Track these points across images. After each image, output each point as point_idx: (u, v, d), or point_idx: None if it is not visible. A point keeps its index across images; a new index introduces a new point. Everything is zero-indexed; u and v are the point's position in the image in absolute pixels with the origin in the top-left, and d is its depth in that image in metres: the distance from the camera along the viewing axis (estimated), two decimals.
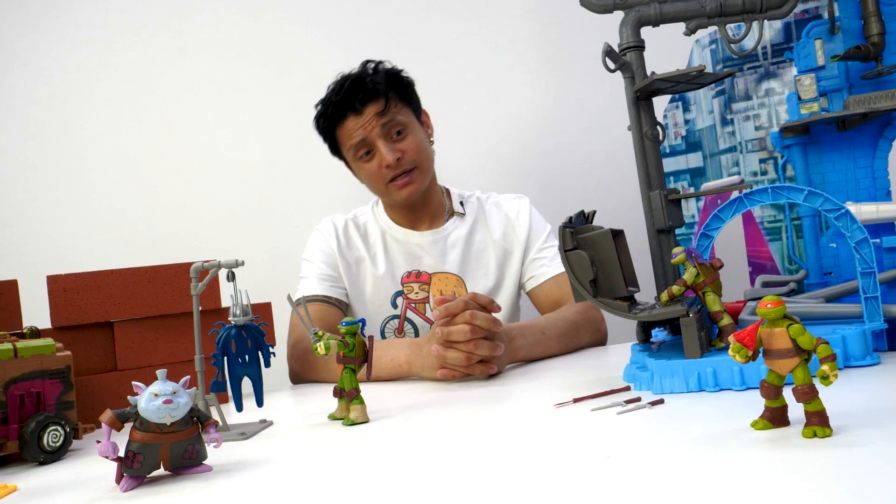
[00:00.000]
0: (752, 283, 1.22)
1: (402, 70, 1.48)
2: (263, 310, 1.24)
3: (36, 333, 0.96)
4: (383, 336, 1.50)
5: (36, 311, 1.20)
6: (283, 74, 2.00)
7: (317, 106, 1.47)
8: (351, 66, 1.47)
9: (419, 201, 1.50)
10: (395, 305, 1.50)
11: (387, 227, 1.55)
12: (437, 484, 0.58)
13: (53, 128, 2.01)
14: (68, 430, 0.87)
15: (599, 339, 1.38)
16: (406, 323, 1.49)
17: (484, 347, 1.06)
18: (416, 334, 1.49)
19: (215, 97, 2.01)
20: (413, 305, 1.50)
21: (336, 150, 1.51)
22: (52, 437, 0.85)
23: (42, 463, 0.84)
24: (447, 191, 1.61)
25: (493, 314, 1.10)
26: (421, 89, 1.53)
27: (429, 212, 1.54)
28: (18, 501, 0.69)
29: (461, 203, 1.58)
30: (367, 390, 0.92)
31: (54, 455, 0.85)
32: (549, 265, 1.51)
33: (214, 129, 2.01)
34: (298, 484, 0.63)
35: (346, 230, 1.55)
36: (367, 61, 1.46)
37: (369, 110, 1.40)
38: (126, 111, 2.01)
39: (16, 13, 2.01)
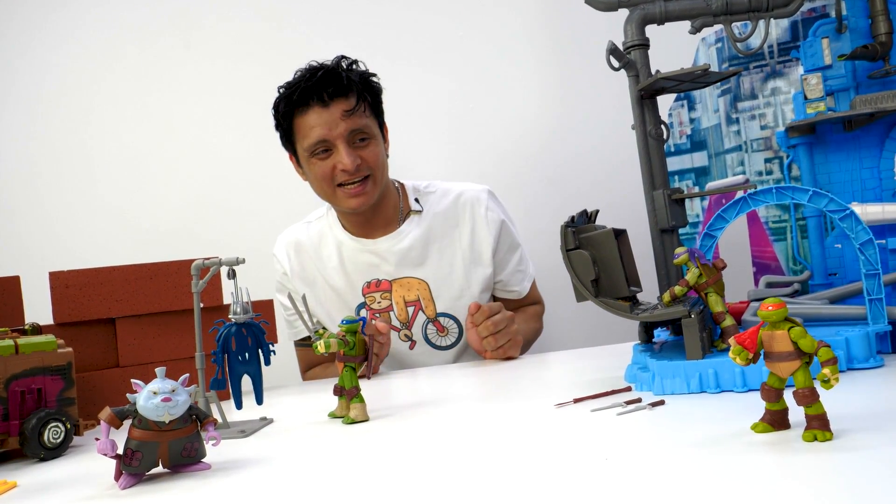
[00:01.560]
0: (756, 283, 1.21)
1: (374, 75, 1.41)
2: (265, 307, 1.24)
3: (37, 330, 0.96)
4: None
5: (40, 307, 1.20)
6: (288, 73, 1.99)
7: (280, 88, 1.38)
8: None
9: (369, 210, 1.42)
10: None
11: (343, 238, 1.47)
12: (436, 483, 0.58)
13: (59, 125, 2.01)
14: (69, 426, 0.87)
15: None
16: None
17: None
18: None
19: (221, 95, 2.02)
20: (377, 315, 1.44)
21: (289, 140, 1.41)
22: (53, 433, 0.85)
23: (42, 459, 0.85)
24: (401, 186, 1.52)
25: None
26: (425, 87, 1.53)
27: (382, 218, 1.45)
28: (18, 498, 0.69)
29: (416, 200, 1.49)
30: (367, 389, 0.91)
31: (55, 451, 0.85)
32: (524, 280, 1.52)
33: (220, 127, 2.02)
34: (297, 482, 0.63)
35: (298, 251, 1.49)
36: (342, 57, 1.38)
37: (337, 106, 1.32)
38: (132, 108, 2.02)
39: (23, 10, 2.01)
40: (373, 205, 1.41)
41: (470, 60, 1.98)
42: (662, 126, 0.96)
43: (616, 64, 0.93)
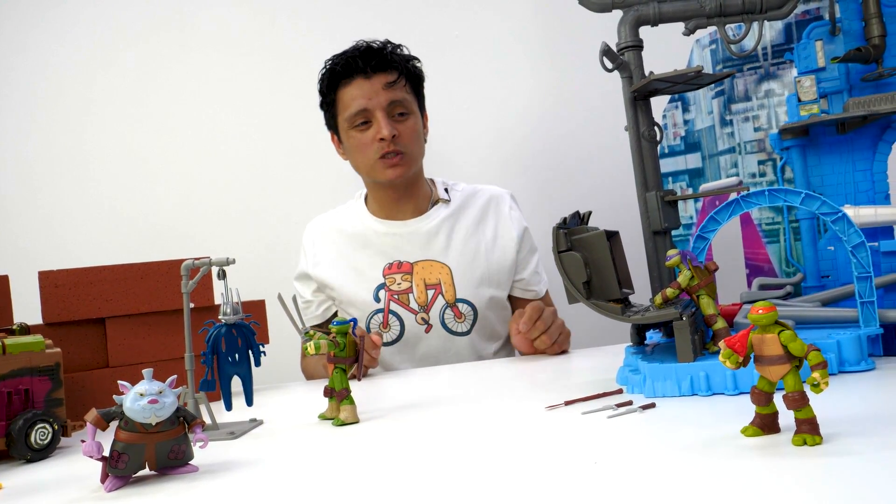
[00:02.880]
0: (749, 285, 1.21)
1: (418, 61, 1.49)
2: (256, 308, 1.23)
3: (26, 330, 0.95)
4: (368, 331, 1.47)
5: (32, 307, 1.19)
6: (283, 71, 1.99)
7: (326, 62, 1.45)
8: None
9: (403, 190, 1.49)
10: (377, 299, 1.47)
11: (369, 222, 1.53)
12: (425, 486, 0.57)
13: (53, 124, 2.00)
14: (56, 427, 0.86)
15: None
16: (391, 315, 1.46)
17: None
18: (402, 327, 1.46)
19: (216, 94, 2.01)
20: (396, 297, 1.47)
21: (332, 114, 1.48)
22: (40, 434, 0.84)
23: (29, 461, 0.84)
24: (432, 181, 1.60)
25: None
26: None
27: (412, 202, 1.52)
28: (4, 500, 0.68)
29: (445, 190, 1.56)
30: (357, 391, 0.91)
31: (42, 453, 0.85)
32: (541, 283, 1.57)
33: (214, 126, 2.01)
34: (286, 485, 0.63)
35: (325, 233, 1.55)
36: (388, 41, 1.46)
37: (379, 79, 1.40)
38: (127, 107, 2.01)
39: (20, 7, 2.00)
40: (406, 185, 1.48)
41: (464, 61, 1.98)
42: (656, 127, 0.95)
43: (610, 65, 0.93)
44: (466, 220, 1.52)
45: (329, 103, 1.47)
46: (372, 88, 1.39)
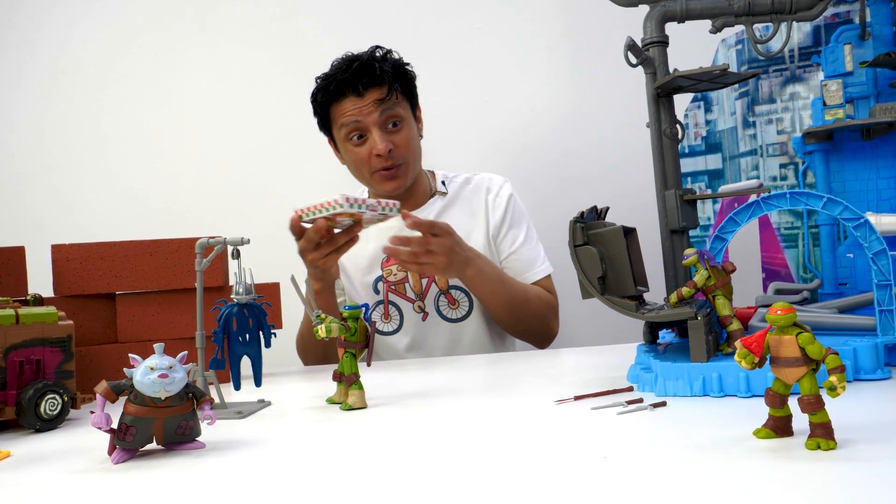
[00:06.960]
0: (765, 289, 1.20)
1: (408, 64, 1.48)
2: (270, 290, 1.23)
3: (39, 301, 0.96)
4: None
5: (46, 279, 1.20)
6: (303, 54, 1.98)
7: (318, 79, 1.45)
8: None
9: (402, 191, 1.50)
10: (377, 291, 1.50)
11: None
12: (430, 474, 0.57)
13: (72, 101, 2.01)
14: (66, 399, 0.87)
15: (542, 333, 1.46)
16: (391, 307, 1.49)
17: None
18: (401, 317, 1.49)
19: (235, 77, 2.01)
20: (393, 287, 1.49)
21: (326, 126, 1.49)
22: (50, 405, 0.85)
23: (38, 430, 0.84)
24: (431, 173, 1.61)
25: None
26: (439, 79, 1.52)
27: (411, 198, 1.52)
28: (10, 468, 0.69)
29: (443, 183, 1.57)
30: (367, 376, 0.91)
31: (51, 423, 0.85)
32: (525, 273, 1.50)
33: (230, 107, 2.01)
34: (291, 465, 0.63)
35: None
36: (377, 47, 1.45)
37: (371, 95, 1.39)
38: (146, 87, 2.01)
39: None
40: (407, 186, 1.49)
41: (487, 52, 1.97)
42: (678, 126, 0.94)
43: (634, 60, 0.92)
44: (459, 210, 1.54)
45: (322, 117, 1.47)
46: (365, 105, 1.39)
